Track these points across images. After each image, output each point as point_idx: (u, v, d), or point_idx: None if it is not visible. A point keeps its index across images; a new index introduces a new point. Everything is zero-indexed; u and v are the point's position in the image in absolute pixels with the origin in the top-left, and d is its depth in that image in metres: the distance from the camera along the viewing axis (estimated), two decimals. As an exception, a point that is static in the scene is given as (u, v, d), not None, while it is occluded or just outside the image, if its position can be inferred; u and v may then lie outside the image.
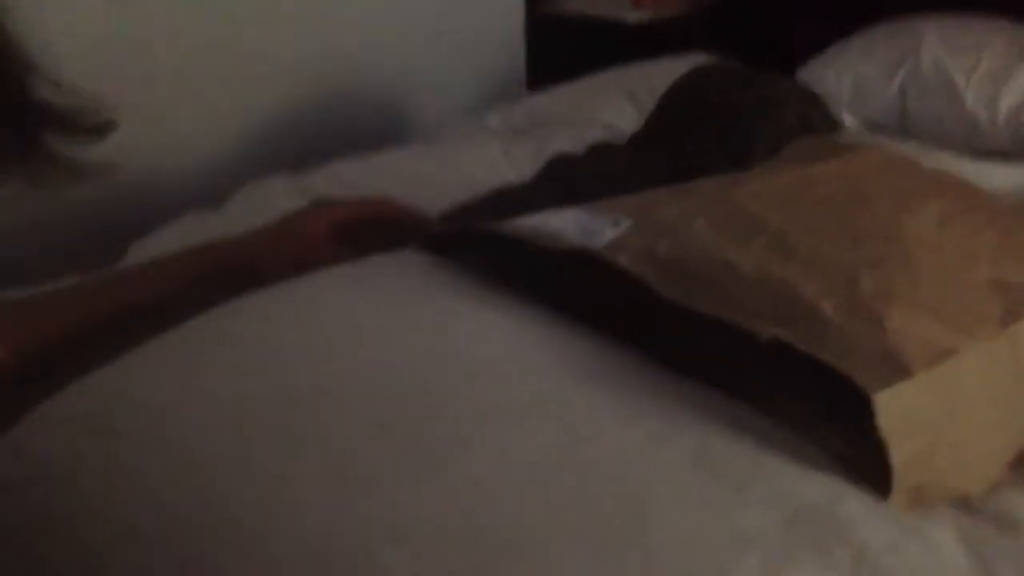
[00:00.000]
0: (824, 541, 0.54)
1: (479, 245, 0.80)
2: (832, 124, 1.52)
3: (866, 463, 0.59)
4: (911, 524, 0.58)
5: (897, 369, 0.60)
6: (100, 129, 0.42)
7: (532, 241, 0.75)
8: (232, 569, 0.53)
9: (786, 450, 0.60)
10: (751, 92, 1.49)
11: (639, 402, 0.62)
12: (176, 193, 1.63)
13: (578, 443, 0.57)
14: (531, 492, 0.54)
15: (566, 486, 0.55)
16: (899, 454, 0.58)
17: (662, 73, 1.59)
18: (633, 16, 2.06)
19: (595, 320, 0.71)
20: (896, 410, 0.58)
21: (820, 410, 0.62)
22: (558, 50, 2.19)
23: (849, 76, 1.66)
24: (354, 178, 1.32)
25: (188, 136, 1.66)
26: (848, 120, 1.59)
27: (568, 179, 1.29)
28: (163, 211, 1.35)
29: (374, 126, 1.95)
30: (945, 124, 1.57)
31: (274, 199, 1.26)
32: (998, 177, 1.34)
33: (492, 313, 0.71)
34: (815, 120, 1.51)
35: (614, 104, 1.54)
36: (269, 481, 0.56)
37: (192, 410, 0.62)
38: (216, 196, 1.38)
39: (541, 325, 0.71)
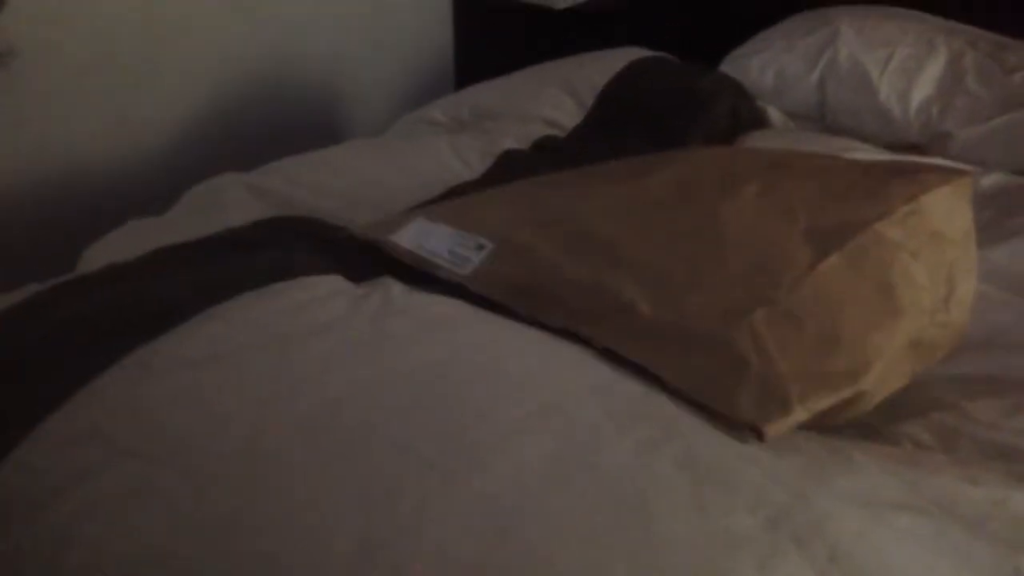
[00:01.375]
0: (803, 536, 0.61)
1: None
2: (758, 116, 1.60)
3: None
4: (877, 512, 0.65)
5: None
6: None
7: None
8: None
9: (754, 453, 0.67)
10: (684, 87, 1.56)
11: (630, 409, 0.68)
12: (103, 193, 1.62)
13: (582, 453, 0.62)
14: (545, 505, 0.58)
15: (576, 497, 0.59)
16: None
17: (598, 66, 1.64)
18: (561, 2, 2.10)
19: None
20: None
21: None
22: (484, 35, 2.22)
23: (772, 68, 1.73)
24: (305, 177, 1.33)
25: (114, 137, 1.64)
26: (772, 112, 1.66)
27: (519, 177, 1.33)
28: (95, 212, 1.34)
29: (309, 119, 1.95)
30: (861, 117, 1.64)
31: (227, 201, 1.26)
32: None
33: (483, 322, 0.76)
34: (743, 112, 1.59)
35: (554, 98, 1.57)
36: (297, 505, 0.59)
37: (210, 433, 0.65)
38: (149, 197, 1.37)
39: (523, 332, 0.77)
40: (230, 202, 1.25)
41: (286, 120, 1.90)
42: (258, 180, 1.32)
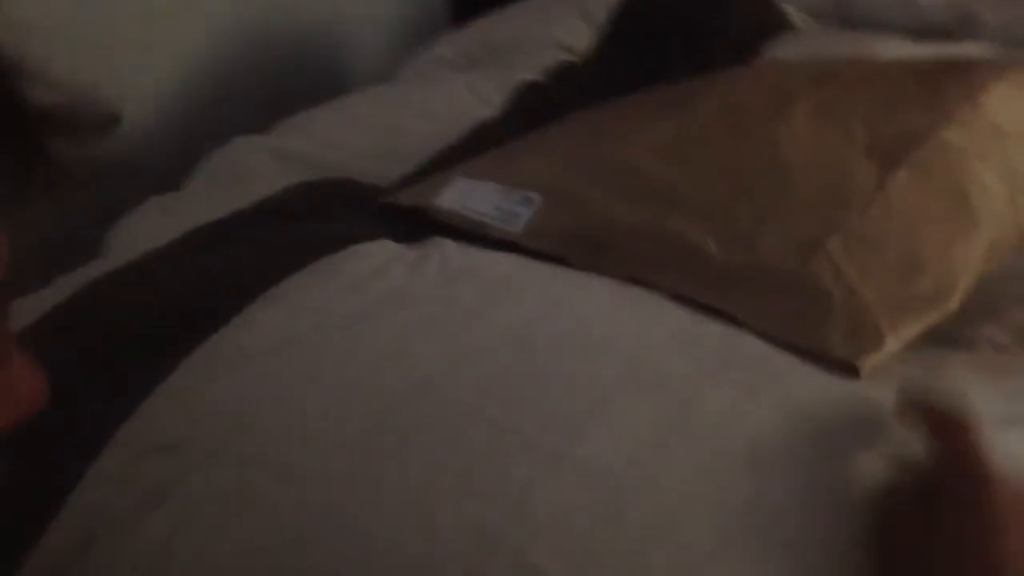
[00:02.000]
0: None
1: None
2: (783, 21, 1.55)
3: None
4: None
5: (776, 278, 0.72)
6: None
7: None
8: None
9: (853, 389, 0.65)
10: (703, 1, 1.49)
11: (719, 356, 0.65)
12: (110, 168, 1.57)
13: (683, 410, 0.60)
14: (651, 472, 0.56)
15: (681, 460, 0.57)
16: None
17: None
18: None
19: None
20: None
21: None
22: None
23: (785, -35, 1.67)
24: (325, 134, 1.29)
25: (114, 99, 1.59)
26: (792, 12, 1.60)
27: (541, 109, 1.29)
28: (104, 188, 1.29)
29: (302, 69, 1.89)
30: (883, 5, 1.59)
31: (249, 168, 1.22)
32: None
33: (551, 279, 0.73)
34: (765, 17, 1.53)
35: (567, 23, 1.52)
36: (397, 494, 0.57)
37: (296, 426, 0.63)
38: (158, 162, 1.32)
39: (592, 285, 0.74)
40: (253, 169, 1.21)
41: (280, 72, 1.84)
42: (277, 142, 1.28)
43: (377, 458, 0.60)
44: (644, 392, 0.62)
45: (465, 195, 0.86)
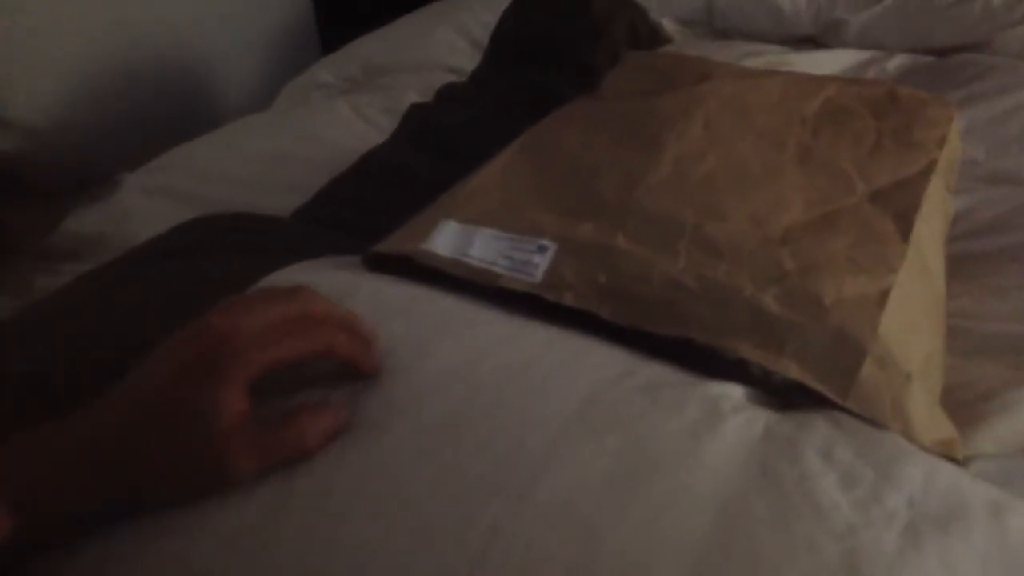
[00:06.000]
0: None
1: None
2: (656, 33, 1.57)
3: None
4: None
5: (854, 352, 0.65)
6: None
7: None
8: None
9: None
10: (577, 14, 1.50)
11: (672, 392, 0.63)
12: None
13: (639, 445, 0.58)
14: (618, 511, 0.54)
15: (650, 498, 0.55)
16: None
17: (486, 1, 1.56)
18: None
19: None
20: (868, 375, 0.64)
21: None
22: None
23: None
24: (207, 166, 1.23)
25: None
26: (667, 24, 1.63)
27: (432, 132, 1.27)
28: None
29: (167, 103, 1.81)
30: (751, 15, 1.64)
31: (126, 209, 1.15)
32: (821, 63, 1.42)
33: (486, 321, 0.70)
34: (641, 30, 1.55)
35: (447, 42, 1.50)
36: (367, 554, 0.53)
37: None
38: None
39: (535, 328, 0.70)
40: (130, 209, 1.14)
41: (145, 108, 1.76)
42: (153, 180, 1.22)
43: (326, 522, 0.56)
44: (599, 428, 0.60)
45: (462, 242, 0.77)
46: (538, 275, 0.72)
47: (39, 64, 1.53)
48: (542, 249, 0.74)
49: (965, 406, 0.75)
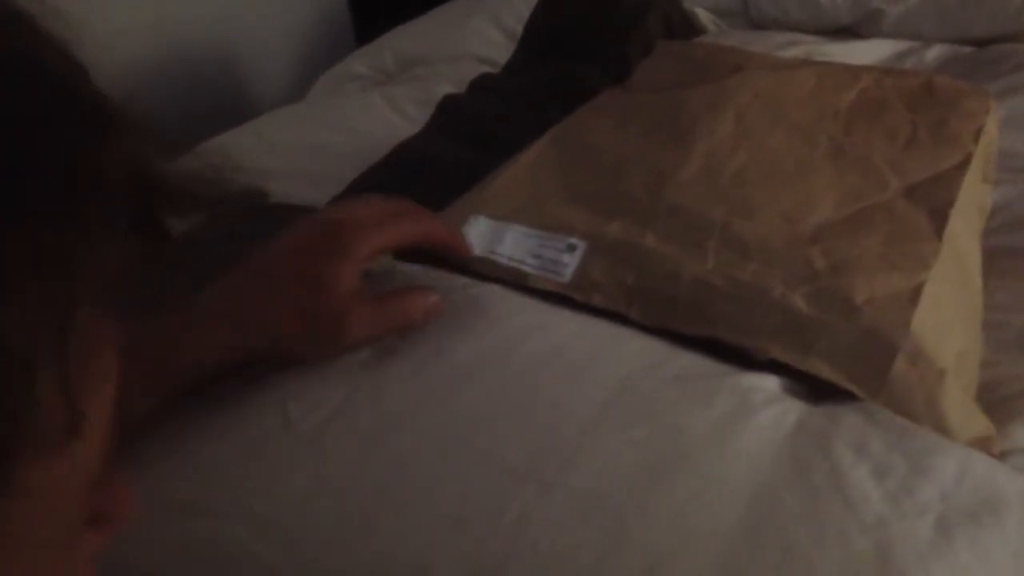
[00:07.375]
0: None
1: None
2: (690, 23, 1.56)
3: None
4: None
5: (885, 350, 0.65)
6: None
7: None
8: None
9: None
10: (613, 4, 1.50)
11: (703, 383, 0.63)
12: None
13: (669, 436, 0.58)
14: (649, 500, 0.54)
15: (677, 487, 0.55)
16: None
17: (518, -8, 1.57)
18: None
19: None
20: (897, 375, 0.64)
21: None
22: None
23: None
24: (244, 157, 1.24)
25: None
26: (701, 14, 1.62)
27: (465, 123, 1.27)
28: None
29: (216, 89, 1.84)
30: (788, 5, 1.62)
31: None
32: (857, 54, 1.41)
33: (519, 309, 0.70)
34: (675, 20, 1.54)
35: (482, 34, 1.50)
36: (394, 540, 0.54)
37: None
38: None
39: (567, 317, 0.70)
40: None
41: (180, 99, 1.78)
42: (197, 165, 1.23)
43: (361, 506, 0.57)
44: (631, 417, 0.60)
45: (492, 238, 0.77)
46: (567, 275, 0.73)
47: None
48: (571, 248, 0.74)
49: (1002, 401, 0.74)
